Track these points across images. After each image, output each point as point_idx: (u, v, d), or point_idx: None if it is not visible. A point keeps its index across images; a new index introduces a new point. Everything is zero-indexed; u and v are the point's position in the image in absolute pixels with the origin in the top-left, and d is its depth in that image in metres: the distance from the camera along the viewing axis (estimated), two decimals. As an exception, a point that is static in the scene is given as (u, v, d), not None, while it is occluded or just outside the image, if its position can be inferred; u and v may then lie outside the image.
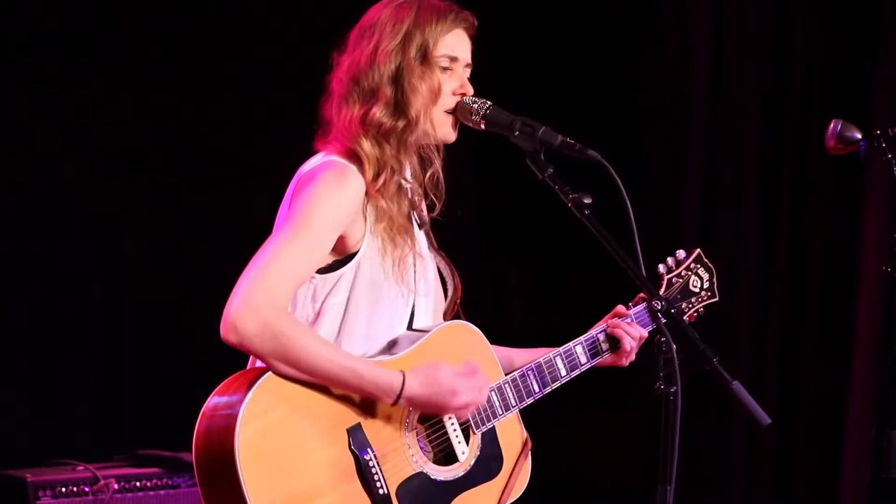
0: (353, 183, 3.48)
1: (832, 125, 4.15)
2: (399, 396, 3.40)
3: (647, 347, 3.50)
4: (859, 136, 4.13)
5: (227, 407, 3.33)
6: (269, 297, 3.33)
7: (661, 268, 3.97)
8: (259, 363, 3.44)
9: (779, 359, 6.54)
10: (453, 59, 3.59)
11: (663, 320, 3.34)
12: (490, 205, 6.86)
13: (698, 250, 4.05)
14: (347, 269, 3.51)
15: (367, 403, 3.45)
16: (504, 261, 7.11)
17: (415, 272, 3.61)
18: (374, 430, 3.46)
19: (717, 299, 4.05)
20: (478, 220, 6.80)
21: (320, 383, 3.38)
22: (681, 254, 4.00)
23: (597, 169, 3.39)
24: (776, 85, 6.53)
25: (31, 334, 6.03)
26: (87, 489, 5.31)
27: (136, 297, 6.23)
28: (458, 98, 3.60)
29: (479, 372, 3.52)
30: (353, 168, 3.50)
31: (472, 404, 3.50)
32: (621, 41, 6.78)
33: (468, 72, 3.64)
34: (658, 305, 3.31)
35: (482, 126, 3.57)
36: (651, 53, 6.79)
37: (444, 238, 3.81)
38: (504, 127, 3.53)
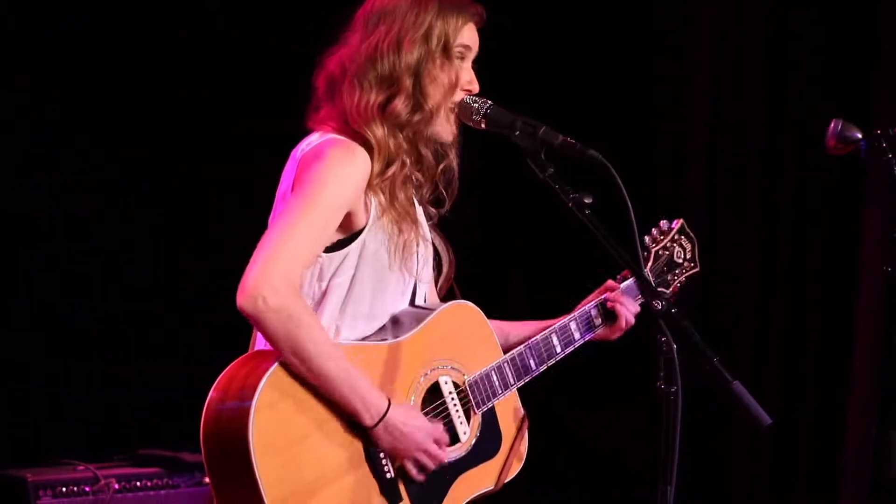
0: (359, 160, 3.48)
1: (832, 125, 4.16)
2: (381, 418, 3.42)
3: (651, 346, 3.49)
4: (860, 135, 4.13)
5: (239, 396, 3.35)
6: (286, 276, 3.35)
7: (647, 239, 4.00)
8: (262, 345, 3.46)
9: (779, 359, 6.54)
10: (467, 49, 3.60)
11: (664, 321, 3.34)
12: (490, 204, 6.85)
13: (681, 221, 4.07)
14: (353, 248, 3.52)
15: None
16: (504, 261, 7.10)
17: (418, 258, 3.62)
18: None
19: (698, 269, 4.08)
20: (478, 219, 6.79)
21: (311, 380, 3.38)
22: (664, 224, 4.04)
23: (597, 168, 3.39)
24: (777, 85, 6.53)
25: (32, 333, 6.02)
26: (87, 489, 5.31)
27: (138, 295, 6.22)
28: (464, 93, 3.60)
29: (447, 437, 3.54)
30: (360, 147, 3.49)
31: (430, 454, 3.50)
32: (622, 42, 6.77)
33: (471, 64, 3.64)
34: (659, 306, 3.31)
35: (483, 125, 3.57)
36: (653, 54, 6.79)
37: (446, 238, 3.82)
38: (505, 126, 3.52)
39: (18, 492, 5.22)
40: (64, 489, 5.27)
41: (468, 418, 3.63)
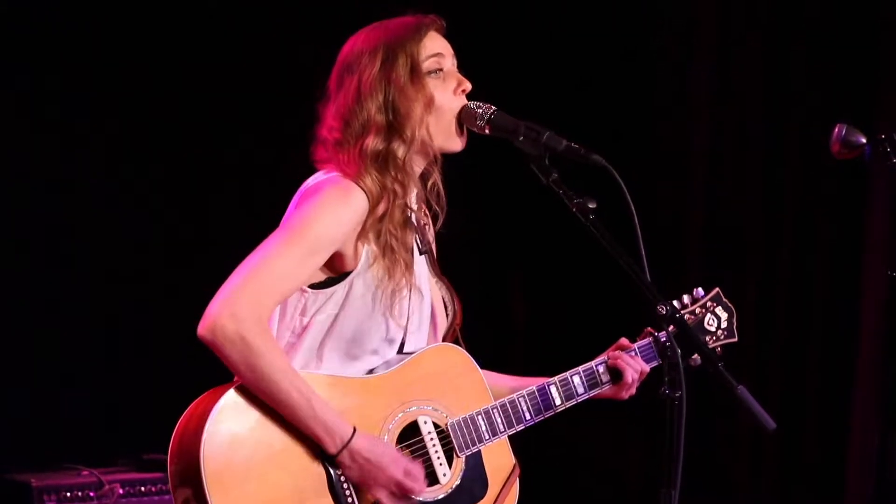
0: (355, 201, 3.45)
1: (837, 129, 4.15)
2: (345, 446, 3.38)
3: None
4: (864, 140, 4.12)
5: (198, 417, 3.35)
6: (252, 306, 3.33)
7: (676, 304, 3.88)
8: None
9: (783, 361, 6.54)
10: (440, 56, 3.57)
11: (669, 325, 3.34)
12: (491, 209, 6.85)
13: (717, 289, 3.99)
14: (340, 288, 3.49)
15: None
16: (506, 266, 7.10)
17: (409, 308, 3.57)
18: None
19: (735, 339, 4.02)
20: (479, 225, 6.79)
21: (275, 407, 3.36)
22: (699, 292, 3.94)
23: (601, 172, 3.39)
24: (780, 89, 6.53)
25: (36, 337, 6.02)
26: (91, 494, 5.32)
27: (142, 299, 6.22)
28: (461, 97, 3.59)
29: (419, 466, 3.48)
30: (358, 188, 3.47)
31: (403, 486, 3.44)
32: (624, 44, 6.77)
33: (456, 64, 3.61)
34: (663, 310, 3.30)
35: (486, 131, 3.57)
36: (655, 57, 6.79)
37: (446, 245, 3.81)
38: (508, 132, 3.52)
39: (23, 497, 5.22)
40: (68, 494, 5.27)
41: (449, 461, 3.56)
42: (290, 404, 3.35)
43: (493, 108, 3.57)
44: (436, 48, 3.57)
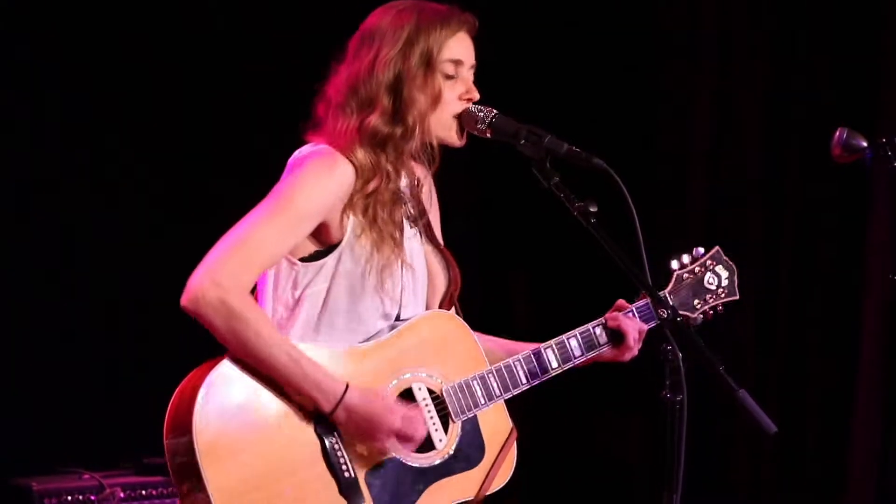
0: (340, 171, 3.48)
1: (838, 133, 4.15)
2: (339, 402, 3.39)
3: (652, 352, 3.49)
4: (865, 144, 4.13)
5: (191, 390, 3.37)
6: (235, 274, 3.36)
7: (675, 264, 3.89)
8: None
9: (785, 363, 6.54)
10: (458, 63, 3.59)
11: (669, 328, 3.35)
12: (492, 211, 6.86)
13: (717, 248, 3.97)
14: (329, 261, 3.51)
15: None
16: (507, 266, 7.10)
17: (402, 281, 3.58)
18: None
19: (737, 297, 4.00)
20: (480, 225, 6.80)
21: (264, 371, 3.38)
22: (699, 251, 3.93)
23: (600, 175, 3.40)
24: (781, 92, 6.53)
25: (37, 340, 6.02)
26: (92, 497, 5.32)
27: (143, 302, 6.22)
28: (464, 103, 3.59)
29: (418, 410, 3.50)
30: (343, 157, 3.50)
31: (404, 433, 3.46)
32: (625, 47, 6.78)
33: (473, 73, 3.63)
34: (664, 314, 3.30)
35: (488, 134, 3.58)
36: (655, 63, 6.79)
37: (447, 247, 3.81)
38: (510, 135, 3.53)
39: (24, 500, 5.22)
40: (69, 498, 5.27)
41: (445, 427, 3.57)
42: (279, 367, 3.37)
43: (495, 111, 3.58)
44: (457, 54, 3.58)
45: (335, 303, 3.52)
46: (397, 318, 3.60)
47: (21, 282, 5.99)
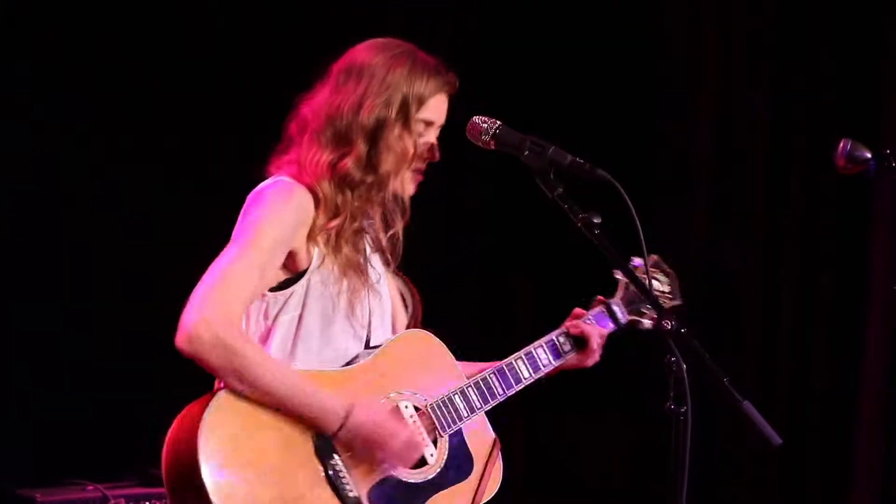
0: (296, 200, 3.53)
1: (842, 144, 4.15)
2: (347, 417, 3.44)
3: (651, 360, 3.50)
4: (869, 155, 4.13)
5: (190, 424, 3.41)
6: (223, 311, 3.39)
7: (618, 273, 4.01)
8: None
9: (788, 373, 6.54)
10: (430, 124, 3.65)
11: (674, 339, 3.35)
12: (496, 214, 6.86)
13: (655, 256, 4.12)
14: (298, 287, 3.56)
15: None
16: (511, 269, 7.10)
17: (369, 305, 3.65)
18: None
19: (679, 302, 4.13)
20: (483, 228, 6.80)
21: (266, 402, 3.40)
22: (637, 261, 3.97)
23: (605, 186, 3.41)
24: (785, 103, 6.54)
25: (40, 351, 6.02)
26: (96, 509, 5.32)
27: (149, 313, 6.21)
28: (424, 163, 3.66)
29: (416, 435, 3.55)
30: (301, 187, 3.54)
31: (405, 455, 3.53)
32: (626, 52, 6.78)
33: (439, 132, 3.68)
34: (668, 325, 3.31)
35: (492, 146, 3.61)
36: (658, 73, 6.80)
37: (447, 250, 3.83)
38: (514, 147, 3.56)
39: (28, 512, 5.23)
40: (73, 509, 5.27)
41: (434, 442, 3.64)
42: (281, 393, 3.40)
43: (499, 122, 3.61)
44: (433, 116, 3.65)
45: (308, 328, 3.57)
46: (367, 341, 3.66)
47: (25, 292, 5.99)
